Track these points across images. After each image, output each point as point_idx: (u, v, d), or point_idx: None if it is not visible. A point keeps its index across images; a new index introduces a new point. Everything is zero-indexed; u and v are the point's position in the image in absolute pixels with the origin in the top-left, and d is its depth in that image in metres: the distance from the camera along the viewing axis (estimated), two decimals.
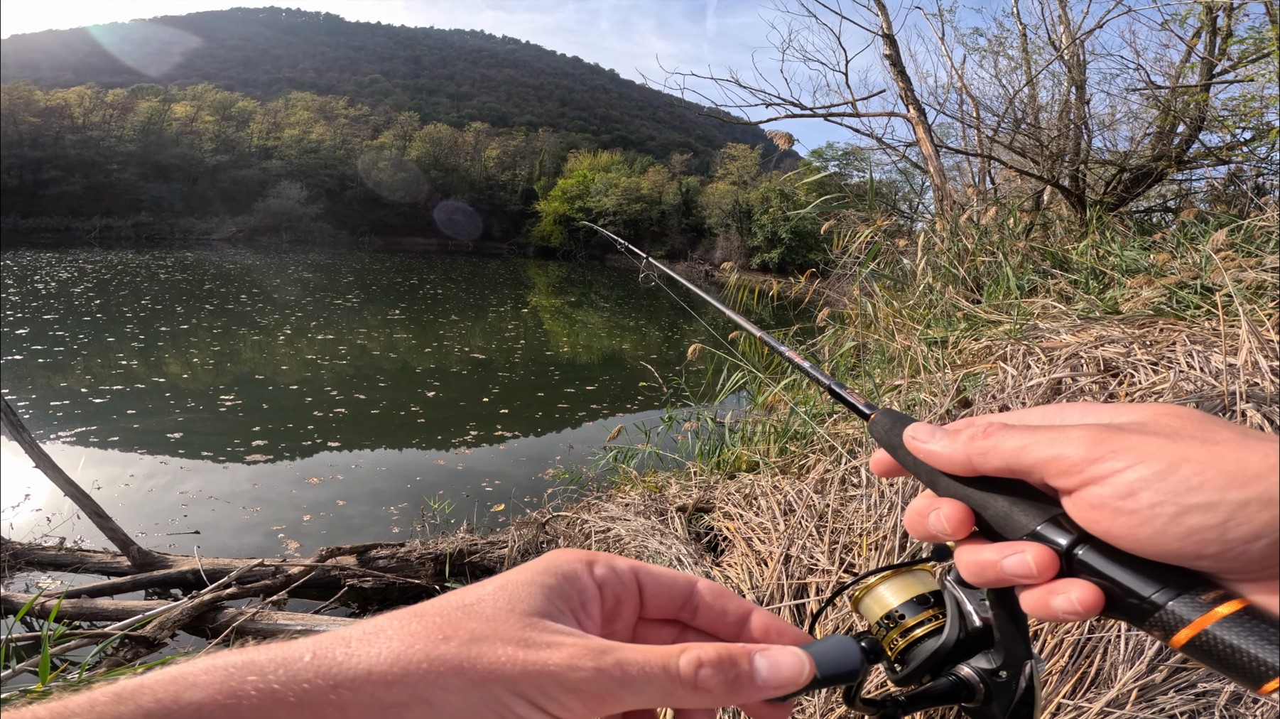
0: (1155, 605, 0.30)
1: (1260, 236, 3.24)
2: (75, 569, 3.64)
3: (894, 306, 4.08)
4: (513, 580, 0.34)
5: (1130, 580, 0.30)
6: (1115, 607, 0.31)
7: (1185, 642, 0.29)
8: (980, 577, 0.34)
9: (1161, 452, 0.29)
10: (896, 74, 5.91)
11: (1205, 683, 1.56)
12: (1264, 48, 4.14)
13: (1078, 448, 0.31)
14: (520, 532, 3.50)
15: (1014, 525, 0.34)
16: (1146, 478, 0.29)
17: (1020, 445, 0.33)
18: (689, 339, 11.29)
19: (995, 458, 0.34)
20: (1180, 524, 0.28)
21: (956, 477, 0.36)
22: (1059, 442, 0.32)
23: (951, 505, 0.36)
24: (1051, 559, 0.32)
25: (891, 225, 4.83)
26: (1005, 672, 0.40)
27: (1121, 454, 0.30)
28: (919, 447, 0.38)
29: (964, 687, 0.40)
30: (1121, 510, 0.29)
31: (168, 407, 7.56)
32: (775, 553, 2.61)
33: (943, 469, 0.37)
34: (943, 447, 0.36)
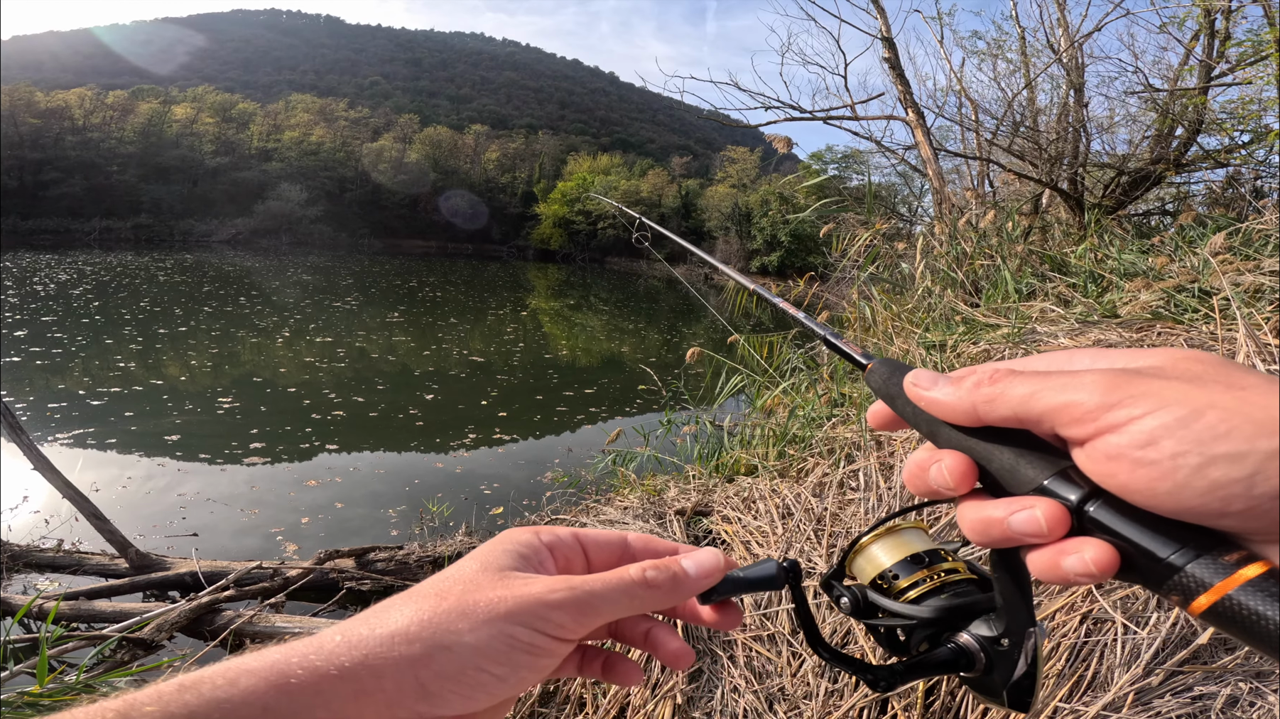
0: (1173, 568, 0.27)
1: (1259, 240, 3.24)
2: (73, 571, 3.63)
3: (893, 310, 4.08)
4: (480, 552, 0.39)
5: (1146, 539, 0.28)
6: (1130, 568, 0.28)
7: (1206, 608, 0.26)
8: (984, 535, 0.32)
9: (1184, 397, 0.27)
10: (895, 77, 5.93)
11: (1202, 686, 1.55)
12: (1262, 50, 4.15)
13: (1092, 393, 0.28)
14: None
15: (1021, 479, 0.31)
16: (1168, 424, 0.26)
17: (1029, 392, 0.31)
18: (688, 342, 11.29)
19: (1002, 406, 0.32)
20: (1205, 476, 0.25)
21: (959, 427, 0.34)
22: (1071, 387, 0.29)
23: (954, 457, 0.33)
24: (1062, 515, 0.29)
25: (890, 229, 4.84)
26: (1007, 639, 0.37)
27: (1140, 400, 0.27)
28: (920, 394, 0.35)
29: (964, 655, 0.38)
30: (1140, 461, 0.27)
31: (165, 409, 7.55)
32: (773, 556, 2.61)
33: (945, 419, 0.34)
34: (945, 394, 0.34)
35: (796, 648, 2.34)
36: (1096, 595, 1.80)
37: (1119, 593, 1.78)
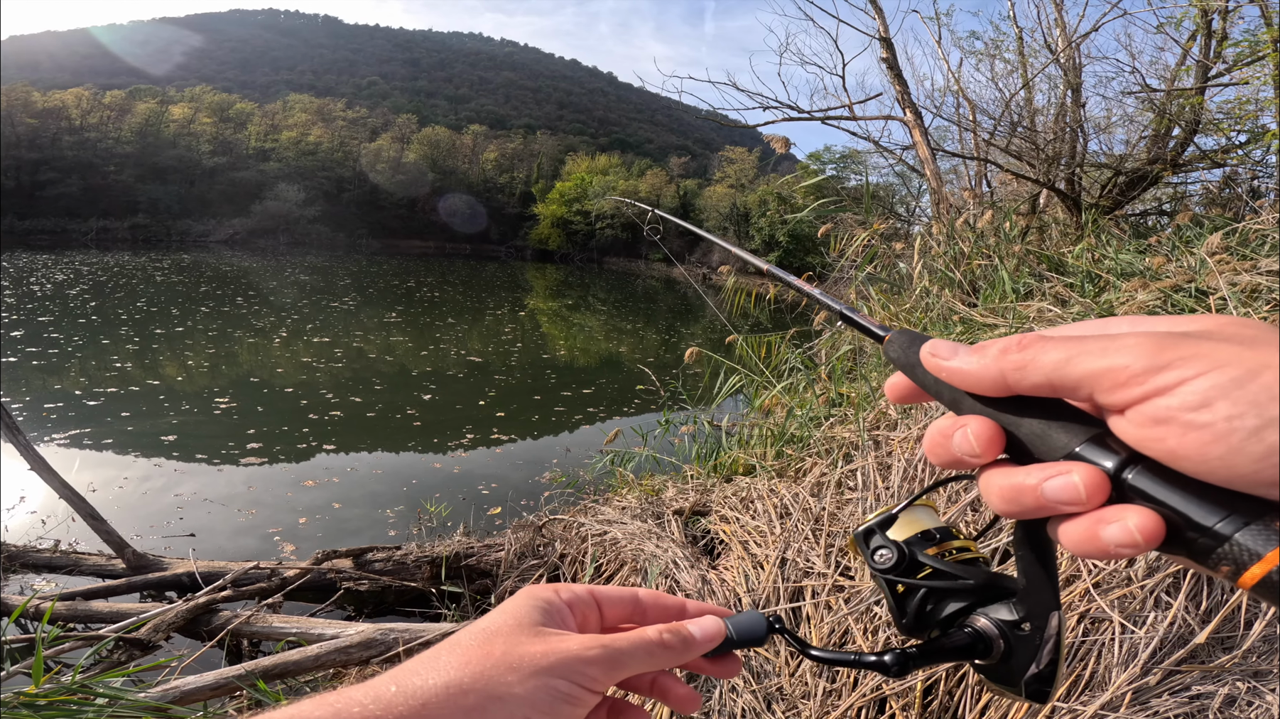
0: (1221, 536, 0.25)
1: (1255, 240, 3.25)
2: (70, 572, 3.62)
3: (890, 310, 4.08)
4: (509, 609, 0.42)
5: (1191, 506, 0.26)
6: (1175, 539, 0.26)
7: (1258, 579, 0.24)
8: (1014, 503, 0.30)
9: (1238, 358, 0.25)
10: (893, 77, 5.93)
11: (1199, 686, 1.55)
12: (1259, 50, 4.16)
13: (1138, 356, 0.26)
14: (517, 534, 3.50)
15: (1052, 445, 0.29)
16: (1223, 385, 0.24)
17: (1064, 357, 0.28)
18: (686, 342, 11.28)
19: (1034, 372, 0.29)
20: (1262, 440, 0.24)
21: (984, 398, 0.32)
22: (1113, 350, 0.27)
23: (979, 422, 0.31)
24: (1102, 481, 0.27)
25: (888, 229, 4.85)
26: (1029, 624, 0.35)
27: (1191, 361, 0.25)
28: (940, 364, 0.33)
29: (981, 640, 0.36)
30: (1193, 424, 0.25)
31: (162, 409, 7.53)
32: (771, 556, 2.61)
33: (968, 390, 0.32)
34: (969, 363, 0.32)
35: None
36: (1094, 595, 1.80)
37: (1116, 592, 1.78)
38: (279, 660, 2.37)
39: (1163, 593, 1.75)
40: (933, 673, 1.93)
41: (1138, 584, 1.78)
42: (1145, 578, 1.79)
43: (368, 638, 2.50)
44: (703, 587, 2.60)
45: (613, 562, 2.96)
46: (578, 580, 3.02)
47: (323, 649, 2.44)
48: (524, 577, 3.35)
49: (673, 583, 2.63)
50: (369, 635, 2.51)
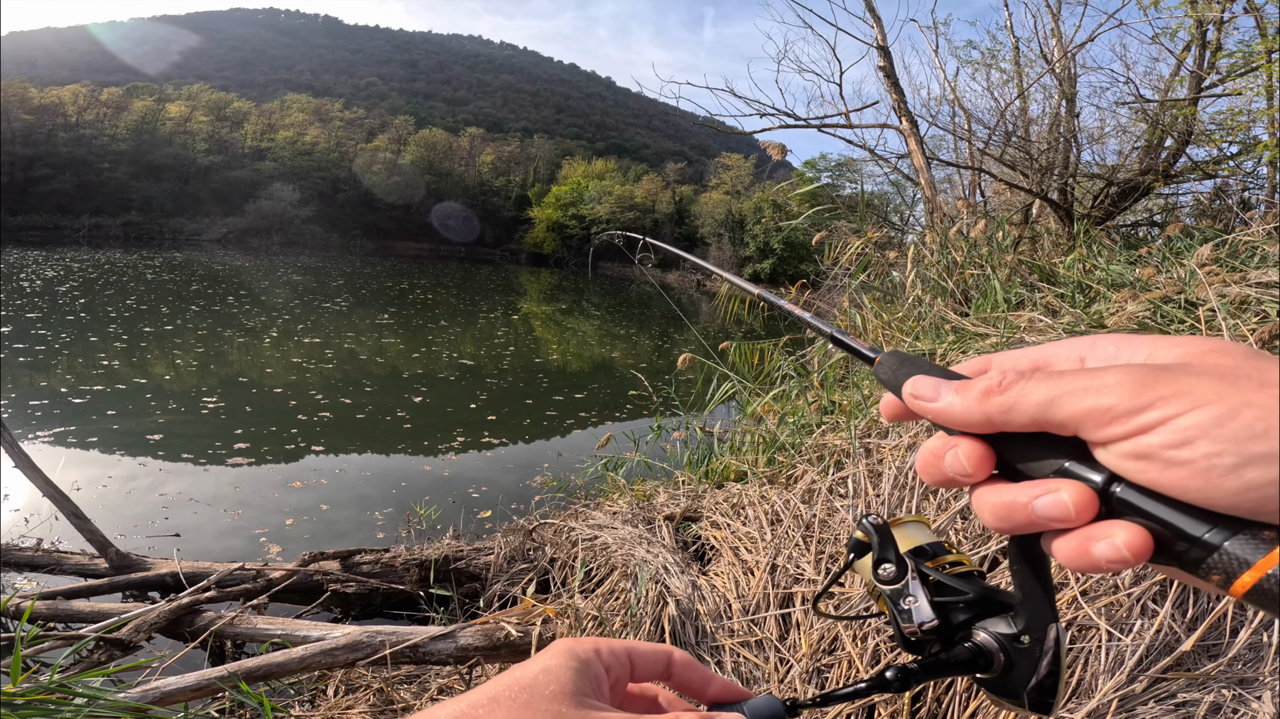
0: (1211, 546, 0.26)
1: (1245, 251, 3.27)
2: (52, 571, 3.57)
3: (883, 318, 4.09)
4: (552, 668, 0.39)
5: (1179, 519, 0.27)
6: (1164, 551, 0.27)
7: (1250, 587, 0.25)
8: (1006, 520, 0.31)
9: (1218, 395, 0.26)
10: (890, 86, 5.97)
11: (1185, 693, 1.55)
12: (1253, 61, 4.19)
13: (1120, 395, 0.27)
14: (507, 538, 3.47)
15: (1040, 463, 0.30)
16: (1203, 424, 0.25)
17: (1048, 398, 0.29)
18: (679, 349, 11.29)
19: (1019, 414, 0.30)
20: (1240, 477, 0.25)
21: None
22: (1095, 390, 0.28)
23: (970, 443, 0.32)
24: (1090, 498, 0.28)
25: (882, 237, 4.86)
26: (1027, 636, 0.36)
27: (1172, 400, 0.26)
28: (924, 407, 0.34)
29: (982, 654, 0.37)
30: (1174, 461, 0.26)
31: (149, 408, 7.47)
32: (761, 562, 2.60)
33: (955, 429, 0.33)
34: (953, 405, 0.32)
35: (785, 654, 2.32)
36: (1081, 603, 1.81)
37: (1103, 600, 1.79)
38: (263, 662, 2.34)
39: (1149, 601, 1.75)
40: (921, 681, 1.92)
41: (1125, 592, 1.79)
42: (1132, 586, 1.79)
43: (354, 640, 2.48)
44: (693, 592, 2.59)
45: (603, 567, 2.94)
46: (566, 585, 3.00)
47: (308, 651, 2.41)
48: (513, 580, 3.33)
49: (663, 588, 2.61)
50: (355, 638, 2.48)
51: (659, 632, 2.49)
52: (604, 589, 2.80)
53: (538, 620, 2.67)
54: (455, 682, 2.76)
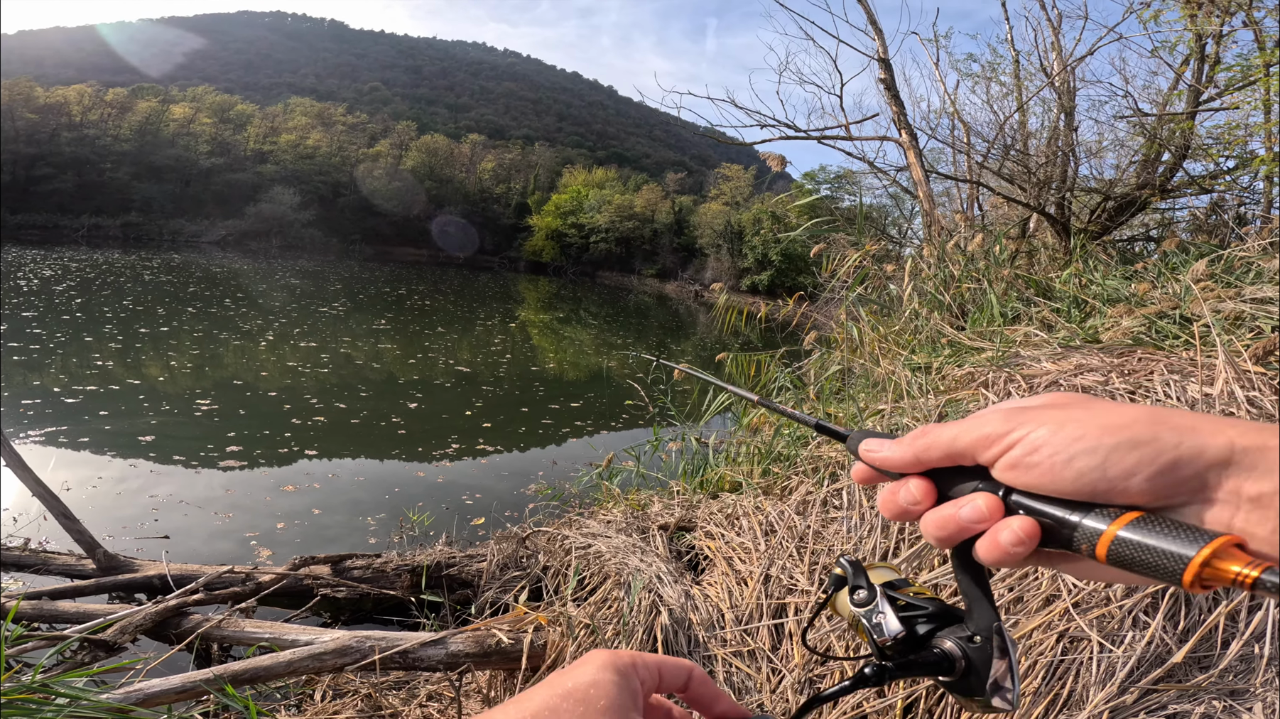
0: (1072, 525, 0.36)
1: (1240, 267, 3.29)
2: (39, 571, 3.54)
3: (880, 332, 4.10)
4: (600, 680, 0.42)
5: (1053, 509, 0.37)
6: (1050, 538, 0.37)
7: (1106, 552, 0.34)
8: (944, 529, 0.41)
9: (1055, 418, 0.38)
10: (890, 98, 6.01)
11: (1176, 705, 1.55)
12: (1251, 74, 4.21)
13: (996, 424, 0.39)
14: (500, 546, 3.45)
15: (962, 488, 0.41)
16: (1044, 436, 0.37)
17: (953, 434, 0.41)
18: (677, 359, 11.27)
19: (936, 450, 0.42)
20: (1071, 468, 0.36)
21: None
22: (980, 424, 0.40)
23: (915, 481, 0.43)
24: (996, 503, 0.39)
25: (880, 250, 4.87)
26: (979, 637, 0.43)
27: (1026, 424, 0.38)
28: (873, 457, 0.46)
29: (946, 658, 0.43)
30: (1031, 465, 0.37)
31: (141, 409, 7.43)
32: (755, 573, 2.59)
33: (898, 470, 0.44)
34: (892, 452, 0.44)
35: (777, 664, 2.31)
36: (1074, 614, 1.80)
37: (1095, 612, 1.79)
38: (249, 665, 2.31)
39: (1141, 613, 1.76)
40: (914, 690, 1.93)
41: (1116, 604, 1.79)
42: (1124, 598, 1.79)
43: (343, 645, 2.45)
44: (686, 602, 2.58)
45: (596, 575, 2.92)
46: (559, 593, 2.98)
47: (296, 655, 2.39)
48: (506, 588, 3.30)
49: (656, 597, 2.60)
50: (344, 643, 2.46)
51: (651, 641, 2.47)
52: (597, 598, 2.78)
53: (529, 628, 2.65)
54: (445, 688, 2.73)
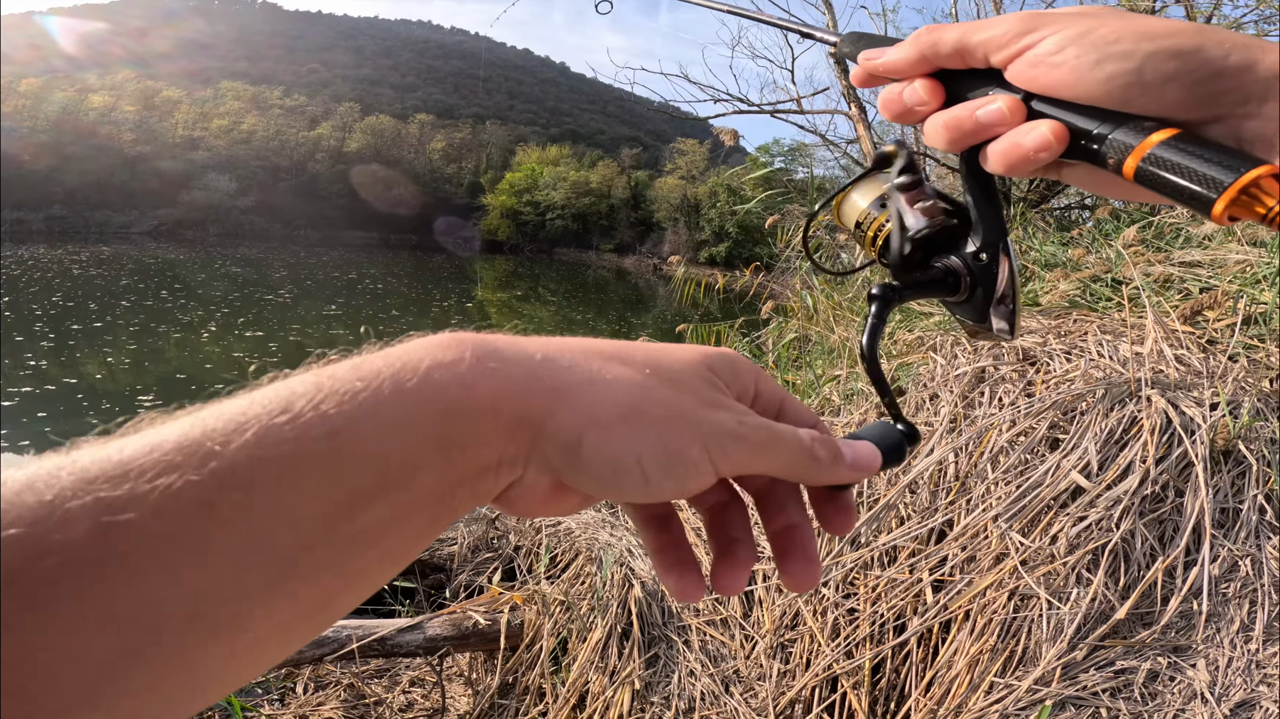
0: (1101, 136, 0.33)
1: (1170, 233, 3.47)
2: None
3: (834, 299, 4.20)
4: (701, 349, 0.37)
5: (1081, 118, 0.34)
6: (1074, 150, 0.34)
7: (1135, 169, 0.32)
8: (957, 130, 0.37)
9: (1083, 21, 0.34)
10: (840, 72, 6.07)
11: (1124, 661, 1.60)
12: None
13: (1014, 26, 0.36)
14: (470, 528, 3.47)
15: (975, 87, 0.37)
16: (1071, 36, 0.34)
17: (962, 31, 0.37)
18: (637, 332, 11.33)
19: (944, 46, 0.38)
20: (1102, 70, 0.33)
21: None
22: (995, 24, 0.36)
23: (922, 80, 0.39)
24: (1018, 103, 0.35)
25: (833, 220, 4.98)
26: (985, 253, 0.40)
27: (1050, 24, 0.35)
28: (874, 65, 0.41)
29: (951, 274, 0.40)
30: (1055, 64, 0.34)
31: (81, 408, 7.13)
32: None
33: (902, 75, 0.40)
34: (896, 54, 0.40)
35: (749, 631, 2.39)
36: (1022, 572, 1.83)
37: (1041, 569, 1.82)
38: None
39: (1084, 569, 1.78)
40: (880, 653, 1.94)
41: (1060, 561, 1.82)
42: (1067, 554, 1.82)
43: (319, 635, 2.45)
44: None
45: (568, 552, 2.96)
46: (532, 572, 3.02)
47: None
48: (479, 570, 3.33)
49: (628, 570, 2.66)
50: (320, 633, 2.46)
51: (625, 614, 2.53)
52: (570, 574, 2.82)
53: (505, 608, 2.68)
54: (426, 673, 2.76)
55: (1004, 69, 0.36)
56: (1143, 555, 1.74)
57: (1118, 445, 1.88)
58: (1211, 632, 1.62)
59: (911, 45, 0.39)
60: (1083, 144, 0.34)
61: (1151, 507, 1.80)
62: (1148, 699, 1.53)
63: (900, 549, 2.17)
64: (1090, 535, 1.78)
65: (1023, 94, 0.35)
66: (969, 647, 1.78)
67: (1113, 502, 1.79)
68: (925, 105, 0.39)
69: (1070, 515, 1.83)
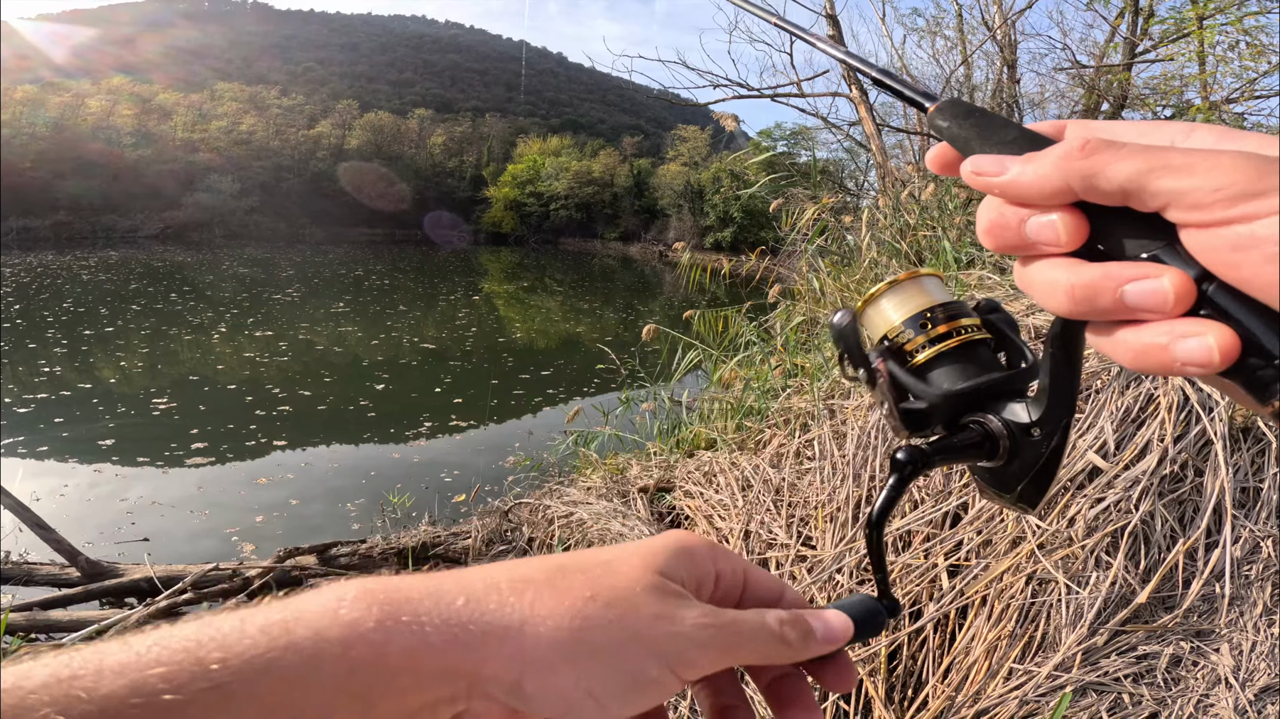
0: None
1: None
2: (24, 583, 3.47)
3: (840, 281, 4.18)
4: (650, 547, 0.34)
5: (1265, 333, 0.23)
6: (1238, 367, 0.24)
7: None
8: (1087, 303, 0.27)
9: None
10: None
11: (1145, 646, 1.56)
12: (1184, 28, 4.33)
13: (1235, 177, 0.24)
14: (483, 521, 3.49)
15: (1131, 245, 0.26)
16: None
17: (1145, 168, 0.25)
18: (644, 319, 11.32)
19: (1106, 182, 0.26)
20: None
21: None
22: (1205, 169, 0.24)
23: (1065, 215, 0.27)
24: (1191, 289, 0.25)
25: (837, 203, 4.93)
26: (1039, 429, 0.32)
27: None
28: (990, 182, 0.29)
29: (989, 439, 0.34)
30: (1271, 258, 0.23)
31: (97, 413, 7.20)
32: (735, 529, 2.67)
33: (1035, 201, 0.28)
34: (1025, 176, 0.28)
35: None
36: (1039, 556, 1.80)
37: (1059, 553, 1.78)
38: None
39: (1103, 553, 1.74)
40: (896, 639, 1.90)
41: (1079, 544, 1.78)
42: (1085, 537, 1.77)
43: None
44: None
45: (580, 543, 2.98)
46: None
47: None
48: (493, 562, 3.35)
49: None
50: None
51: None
52: None
53: None
54: None
55: (1182, 228, 0.25)
56: (1163, 537, 1.69)
57: (1135, 424, 1.83)
58: (1234, 615, 1.57)
59: (1057, 169, 0.27)
60: (1251, 364, 0.24)
61: (1171, 487, 1.75)
62: (1170, 685, 1.48)
63: (914, 534, 2.16)
64: (1109, 517, 1.74)
65: (1197, 272, 0.25)
66: (986, 632, 1.74)
67: (1131, 482, 1.74)
68: (1059, 247, 0.28)
69: (1088, 497, 1.80)
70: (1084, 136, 0.27)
